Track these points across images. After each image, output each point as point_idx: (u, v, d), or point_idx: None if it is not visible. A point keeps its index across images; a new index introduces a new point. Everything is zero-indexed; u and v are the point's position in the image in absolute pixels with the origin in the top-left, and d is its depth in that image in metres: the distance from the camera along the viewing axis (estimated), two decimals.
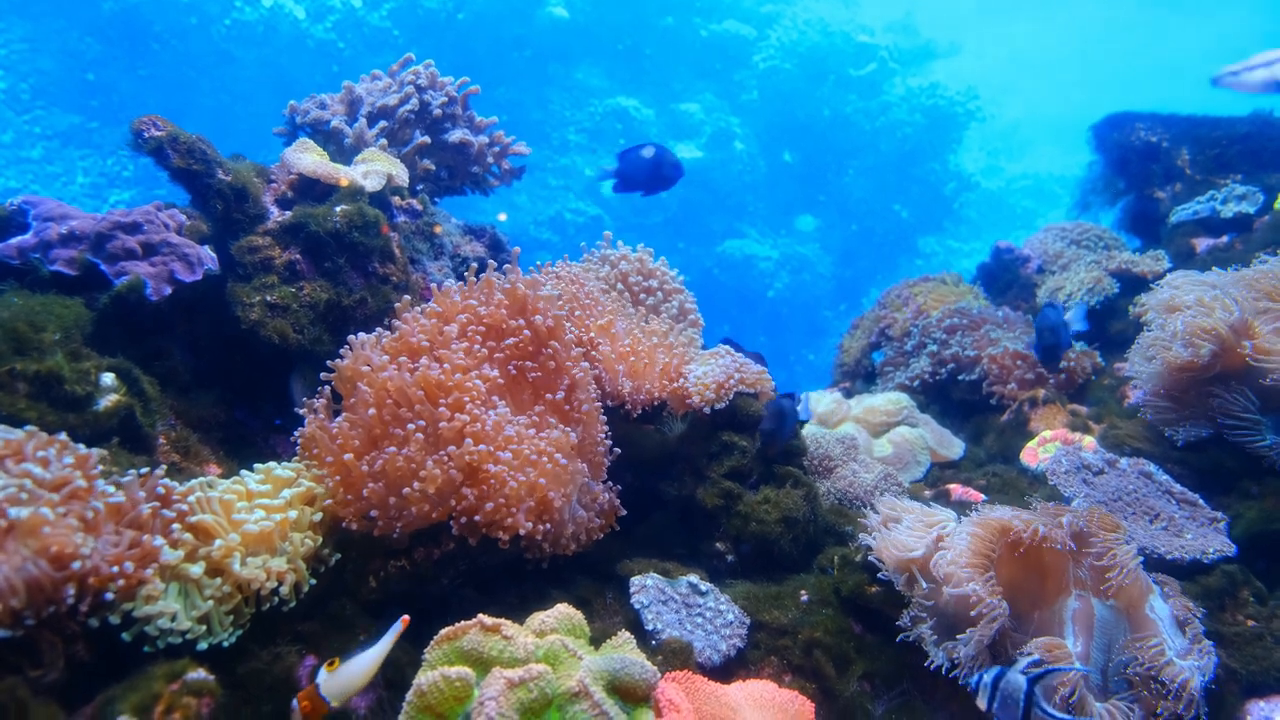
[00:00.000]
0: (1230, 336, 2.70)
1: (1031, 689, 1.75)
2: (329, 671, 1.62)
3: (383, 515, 2.04)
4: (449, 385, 2.14)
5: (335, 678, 1.62)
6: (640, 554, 2.42)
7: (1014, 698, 1.76)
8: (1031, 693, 1.75)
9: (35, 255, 2.36)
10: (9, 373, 1.99)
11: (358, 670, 1.63)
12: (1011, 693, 1.76)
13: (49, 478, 1.64)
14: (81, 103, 13.35)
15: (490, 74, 13.92)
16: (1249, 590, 2.39)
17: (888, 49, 16.97)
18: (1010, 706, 1.76)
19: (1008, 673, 1.79)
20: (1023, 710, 1.75)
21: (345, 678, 1.62)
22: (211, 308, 2.60)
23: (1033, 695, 1.75)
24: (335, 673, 1.62)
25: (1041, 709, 1.75)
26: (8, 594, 1.49)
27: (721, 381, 2.65)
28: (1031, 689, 1.75)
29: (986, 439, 3.61)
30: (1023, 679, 1.77)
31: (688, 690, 1.76)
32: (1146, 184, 4.76)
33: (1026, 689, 1.75)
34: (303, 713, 1.61)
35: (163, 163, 2.60)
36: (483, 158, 3.57)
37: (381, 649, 1.65)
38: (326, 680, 1.62)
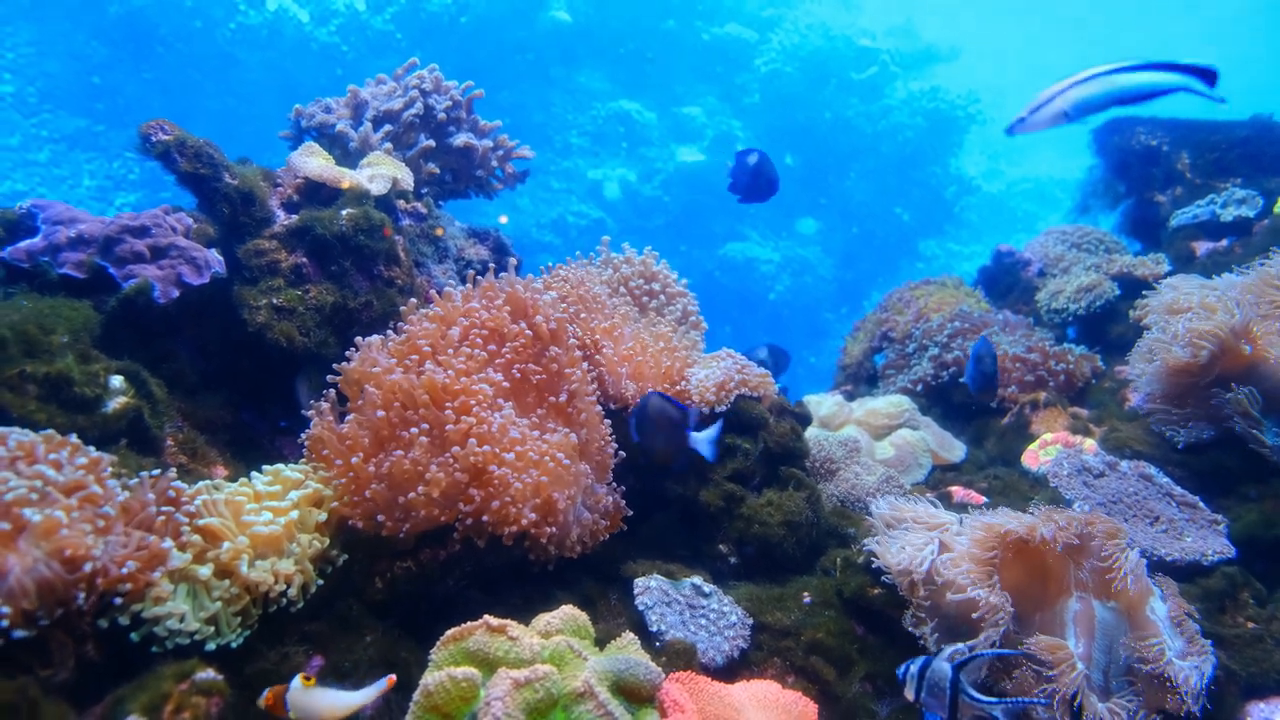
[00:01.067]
0: (1231, 339, 2.71)
1: (957, 676, 1.77)
2: (303, 685, 1.64)
3: (389, 517, 2.06)
4: (455, 388, 2.15)
5: (305, 695, 1.64)
6: (644, 555, 2.43)
7: (940, 685, 1.77)
8: (957, 680, 1.77)
9: (44, 258, 2.38)
10: (19, 375, 2.01)
11: (325, 703, 1.65)
12: (938, 681, 1.78)
13: (62, 480, 1.66)
14: (87, 106, 13.37)
15: (493, 77, 13.93)
16: (1249, 592, 2.40)
17: (889, 53, 16.97)
18: (938, 694, 1.78)
19: (933, 661, 1.81)
20: (949, 697, 1.76)
21: (312, 701, 1.64)
22: (218, 310, 2.62)
23: (959, 682, 1.77)
24: (308, 691, 1.64)
25: (968, 694, 1.77)
26: (20, 595, 1.51)
27: (722, 383, 2.67)
28: (957, 676, 1.77)
29: (988, 442, 3.63)
30: (948, 666, 1.78)
31: (692, 691, 1.77)
32: (1147, 188, 4.77)
33: (952, 676, 1.76)
34: (265, 704, 1.63)
35: (170, 167, 2.62)
36: (487, 161, 3.59)
37: (358, 699, 1.66)
38: (297, 692, 1.63)
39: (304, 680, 1.64)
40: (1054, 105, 1.54)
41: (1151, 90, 1.57)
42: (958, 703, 1.76)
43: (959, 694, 1.76)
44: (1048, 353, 3.79)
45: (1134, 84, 1.54)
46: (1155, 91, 1.57)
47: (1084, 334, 4.26)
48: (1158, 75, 1.53)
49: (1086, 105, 1.54)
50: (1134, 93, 1.58)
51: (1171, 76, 1.53)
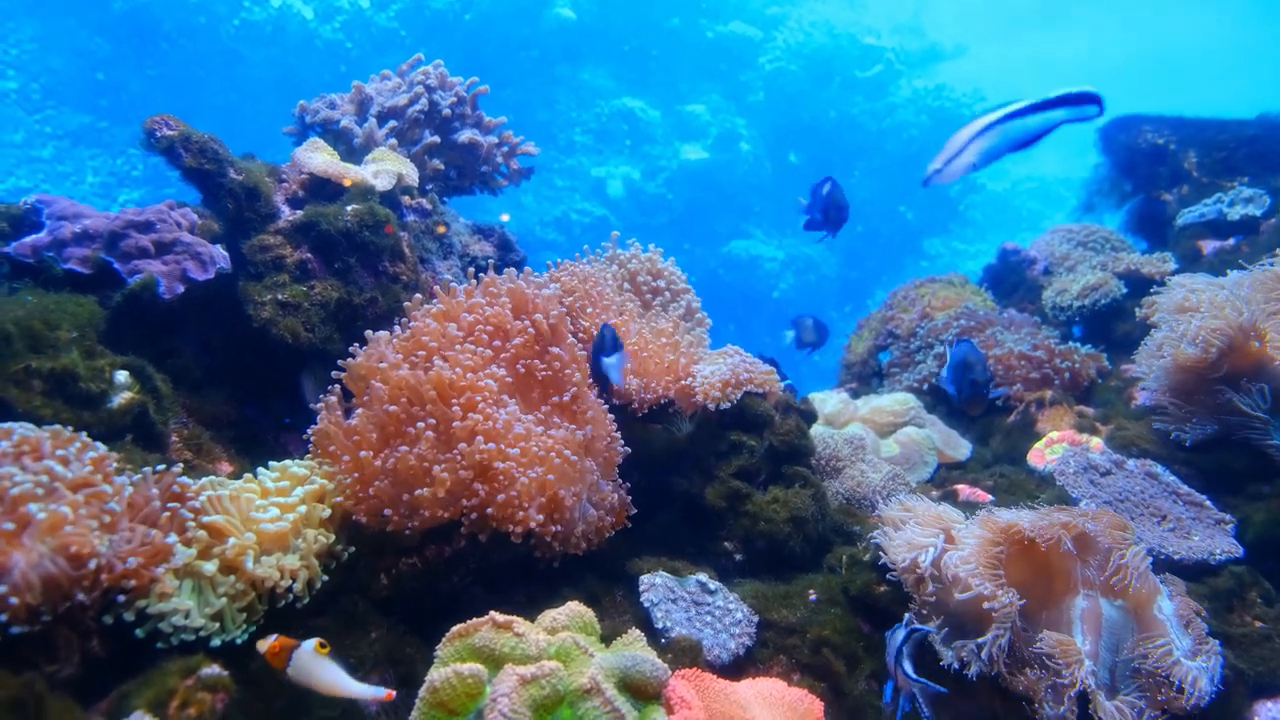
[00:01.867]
0: (1240, 336, 2.70)
1: (900, 650, 1.88)
2: (316, 650, 1.62)
3: (395, 512, 2.05)
4: (461, 385, 2.15)
5: (313, 660, 1.62)
6: (649, 552, 2.43)
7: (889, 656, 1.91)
8: (900, 652, 1.88)
9: (49, 254, 2.38)
10: (25, 370, 2.01)
11: (326, 676, 1.63)
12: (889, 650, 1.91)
13: (69, 476, 1.65)
14: (91, 102, 13.40)
15: (497, 74, 13.93)
16: (1257, 591, 2.39)
17: (894, 51, 16.96)
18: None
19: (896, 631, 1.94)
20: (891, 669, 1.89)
21: (316, 669, 1.63)
22: (223, 306, 2.62)
23: (900, 655, 1.88)
24: (317, 657, 1.62)
25: (903, 668, 1.87)
26: (24, 590, 1.50)
27: (728, 380, 2.66)
28: (900, 650, 1.88)
29: (994, 440, 3.62)
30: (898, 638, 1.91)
31: (698, 688, 1.77)
32: (1153, 186, 4.75)
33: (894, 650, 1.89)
34: (270, 652, 1.64)
35: (175, 162, 2.62)
36: (491, 158, 3.58)
37: (357, 689, 1.65)
38: (306, 654, 1.62)
39: (319, 647, 1.63)
40: (962, 158, 1.63)
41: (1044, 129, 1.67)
42: (897, 674, 1.89)
43: (899, 666, 1.88)
44: (1053, 351, 3.78)
45: (1027, 128, 1.65)
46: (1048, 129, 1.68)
47: (1090, 332, 4.25)
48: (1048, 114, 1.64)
49: (989, 155, 1.65)
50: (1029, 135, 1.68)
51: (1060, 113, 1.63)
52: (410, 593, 2.13)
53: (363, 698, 1.67)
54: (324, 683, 1.64)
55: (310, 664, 1.63)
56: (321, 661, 1.63)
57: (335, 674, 1.64)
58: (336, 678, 1.64)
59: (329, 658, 1.64)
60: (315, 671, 1.63)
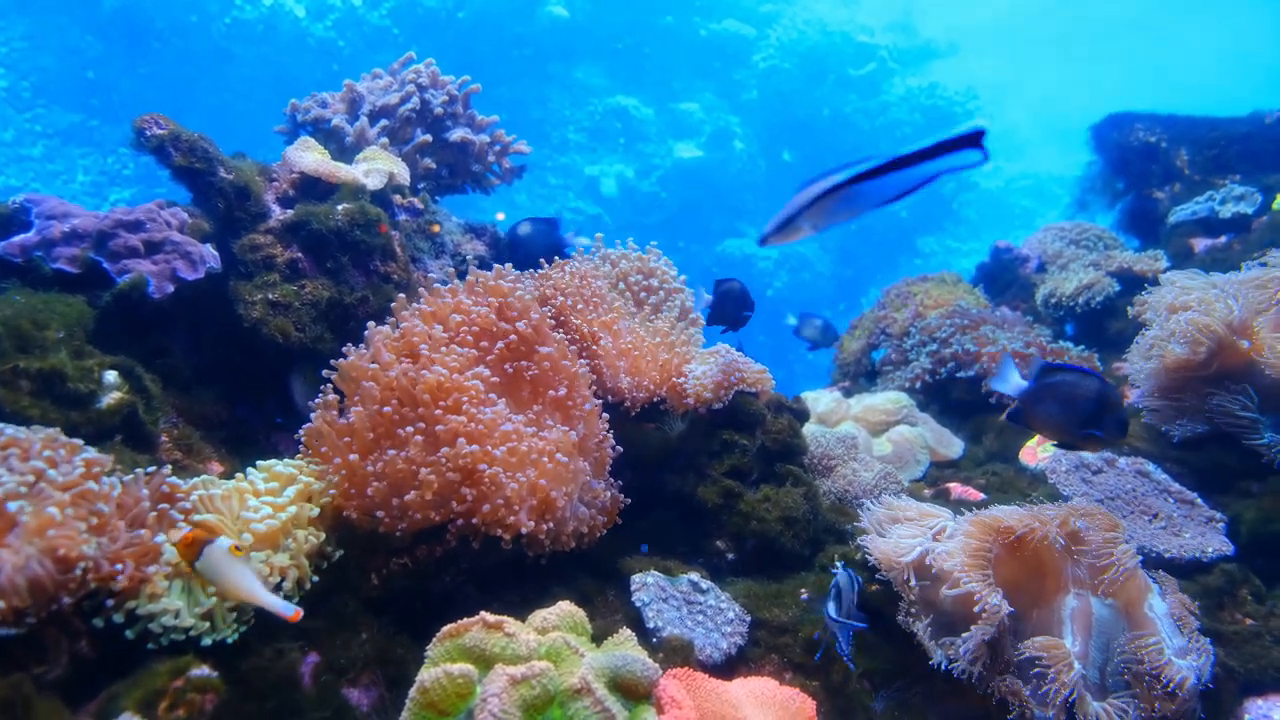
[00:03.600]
0: (1229, 335, 2.71)
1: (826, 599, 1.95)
2: (230, 551, 1.62)
3: (387, 513, 2.05)
4: (448, 385, 2.14)
5: (224, 559, 1.61)
6: (641, 552, 2.43)
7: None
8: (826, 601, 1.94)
9: (38, 253, 2.37)
10: (12, 370, 2.00)
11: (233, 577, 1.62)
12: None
13: (56, 477, 1.64)
14: (82, 101, 13.34)
15: (490, 73, 13.91)
16: (1248, 589, 2.40)
17: (887, 49, 16.98)
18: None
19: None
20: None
21: (225, 569, 1.62)
22: (214, 306, 2.61)
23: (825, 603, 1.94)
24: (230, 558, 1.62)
25: (828, 614, 1.93)
26: (10, 593, 1.49)
27: (720, 380, 2.66)
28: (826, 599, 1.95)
29: (986, 438, 3.62)
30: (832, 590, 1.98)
31: (689, 687, 1.77)
32: (1145, 184, 4.77)
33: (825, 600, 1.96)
34: (181, 542, 1.64)
35: (165, 161, 2.61)
36: (484, 156, 3.58)
37: (262, 596, 1.64)
38: (218, 552, 1.62)
39: (234, 549, 1.63)
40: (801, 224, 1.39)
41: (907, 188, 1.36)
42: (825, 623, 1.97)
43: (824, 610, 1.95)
44: (1045, 349, 3.79)
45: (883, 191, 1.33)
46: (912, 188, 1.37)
47: (1082, 330, 4.26)
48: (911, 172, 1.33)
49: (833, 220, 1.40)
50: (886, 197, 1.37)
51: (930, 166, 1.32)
52: (401, 593, 2.12)
53: (270, 608, 1.64)
54: (232, 584, 1.62)
55: (220, 563, 1.61)
56: (233, 563, 1.62)
57: (246, 579, 1.63)
58: (246, 582, 1.63)
59: (239, 561, 1.62)
60: (225, 572, 1.62)
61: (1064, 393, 2.24)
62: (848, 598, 1.98)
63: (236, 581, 1.62)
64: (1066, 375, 2.28)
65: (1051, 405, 2.25)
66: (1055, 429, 2.29)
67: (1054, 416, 2.26)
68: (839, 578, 1.99)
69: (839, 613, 1.94)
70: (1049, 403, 2.25)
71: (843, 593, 1.97)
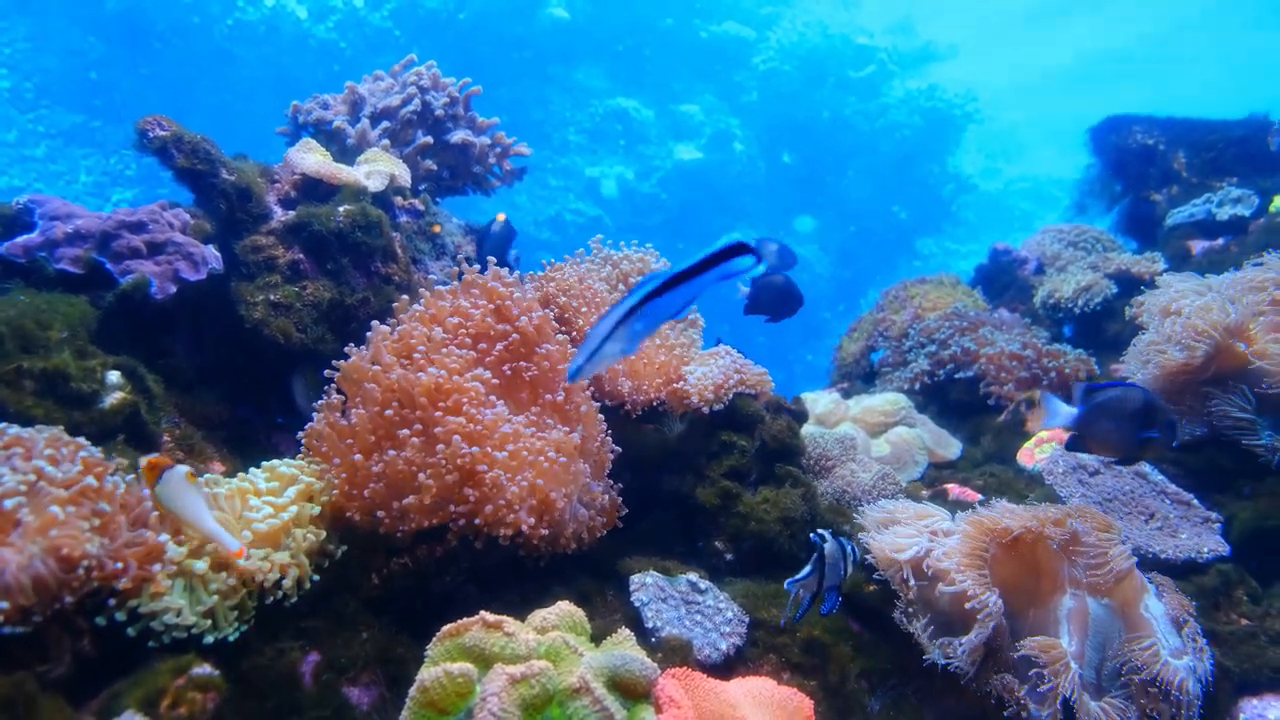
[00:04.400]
0: (1226, 339, 2.72)
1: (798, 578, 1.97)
2: (186, 478, 1.71)
3: (388, 514, 2.06)
4: (447, 387, 2.15)
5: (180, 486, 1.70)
6: (640, 552, 2.44)
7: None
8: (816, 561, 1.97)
9: (41, 254, 2.38)
10: (16, 370, 2.01)
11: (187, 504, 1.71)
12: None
13: (59, 475, 1.66)
14: (84, 101, 13.36)
15: (491, 74, 13.93)
16: (1243, 589, 2.42)
17: (887, 51, 17.00)
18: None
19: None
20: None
21: (177, 495, 1.70)
22: (215, 306, 2.62)
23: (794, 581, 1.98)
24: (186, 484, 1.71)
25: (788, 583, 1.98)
26: (16, 592, 1.51)
27: (720, 382, 2.67)
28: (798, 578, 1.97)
29: (983, 439, 3.64)
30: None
31: (687, 687, 1.78)
32: (1143, 187, 4.78)
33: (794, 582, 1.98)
34: (147, 466, 1.72)
35: (167, 162, 2.62)
36: (484, 158, 3.59)
37: (208, 525, 1.72)
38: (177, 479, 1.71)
39: (189, 476, 1.71)
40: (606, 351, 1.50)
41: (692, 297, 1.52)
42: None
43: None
44: (1040, 350, 3.80)
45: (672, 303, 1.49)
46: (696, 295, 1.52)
47: (1081, 332, 4.27)
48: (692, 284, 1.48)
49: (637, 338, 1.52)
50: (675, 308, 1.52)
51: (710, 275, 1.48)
52: (401, 592, 2.14)
53: (214, 537, 1.72)
54: (183, 510, 1.71)
55: (176, 488, 1.70)
56: (189, 489, 1.70)
57: (196, 507, 1.71)
58: (195, 510, 1.71)
59: (195, 489, 1.72)
60: (178, 497, 1.70)
61: (1114, 409, 2.32)
62: (835, 568, 1.99)
63: (187, 507, 1.71)
64: (1110, 392, 2.36)
65: (1106, 423, 2.34)
66: (1114, 445, 2.37)
67: (1111, 433, 2.34)
68: (826, 546, 1.99)
69: (822, 582, 1.97)
70: (1103, 421, 2.34)
71: (827, 562, 1.98)
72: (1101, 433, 2.35)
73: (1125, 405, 2.32)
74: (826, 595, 2.00)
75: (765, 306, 3.07)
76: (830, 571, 1.98)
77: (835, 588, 2.01)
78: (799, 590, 1.98)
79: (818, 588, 1.99)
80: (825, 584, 1.98)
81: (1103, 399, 2.35)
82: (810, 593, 1.99)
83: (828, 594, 2.00)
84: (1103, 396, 2.35)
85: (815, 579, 1.98)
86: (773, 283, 3.05)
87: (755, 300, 3.04)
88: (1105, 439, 2.37)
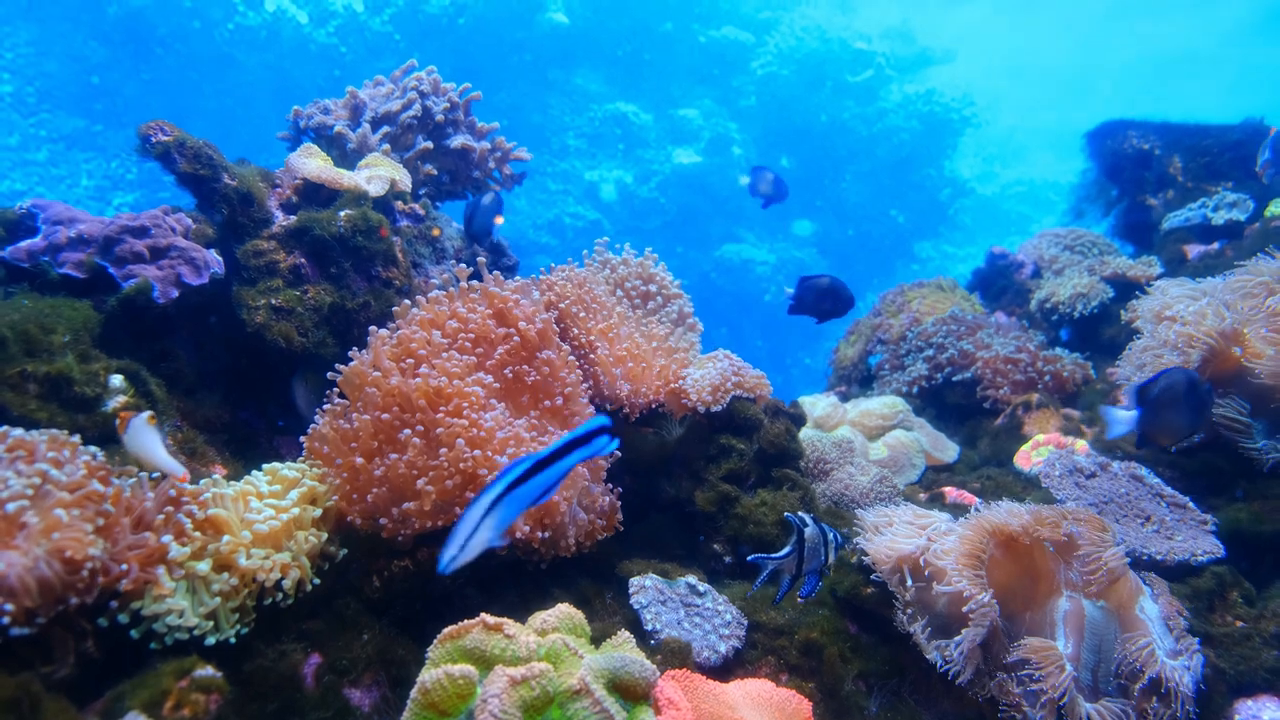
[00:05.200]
0: (1221, 343, 2.74)
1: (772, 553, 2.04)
2: (147, 421, 1.91)
3: (390, 519, 2.07)
4: (449, 392, 2.17)
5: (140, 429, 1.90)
6: (639, 555, 2.45)
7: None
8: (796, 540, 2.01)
9: (44, 258, 2.40)
10: (20, 374, 2.02)
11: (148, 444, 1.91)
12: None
13: (63, 479, 1.67)
14: (86, 106, 13.37)
15: (490, 79, 13.96)
16: (1238, 591, 2.43)
17: (884, 56, 17.01)
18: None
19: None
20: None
21: (139, 436, 1.90)
22: (217, 311, 2.64)
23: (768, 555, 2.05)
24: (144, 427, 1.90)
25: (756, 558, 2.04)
26: (21, 593, 1.52)
27: (718, 384, 2.69)
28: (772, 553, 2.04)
29: (981, 442, 3.65)
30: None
31: (686, 688, 1.79)
32: (1139, 191, 4.81)
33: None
34: (118, 414, 1.96)
35: (170, 167, 2.64)
36: (484, 163, 3.61)
37: (161, 458, 1.92)
38: (138, 421, 1.90)
39: (150, 418, 1.91)
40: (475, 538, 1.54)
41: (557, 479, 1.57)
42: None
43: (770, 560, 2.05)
44: (1035, 354, 3.82)
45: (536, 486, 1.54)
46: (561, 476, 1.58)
47: (1077, 335, 4.29)
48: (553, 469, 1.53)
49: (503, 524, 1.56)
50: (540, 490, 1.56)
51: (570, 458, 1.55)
52: (402, 594, 2.15)
53: (164, 467, 1.91)
54: (142, 448, 1.90)
55: (138, 431, 1.90)
56: (149, 430, 1.90)
57: (153, 445, 1.91)
58: (152, 446, 1.91)
59: (154, 430, 1.91)
60: (139, 438, 1.90)
61: (1167, 399, 2.45)
62: (815, 551, 2.01)
63: (146, 445, 1.91)
64: (1157, 384, 2.50)
65: (1166, 414, 2.50)
66: (1178, 431, 2.55)
67: (1172, 422, 2.51)
68: (807, 530, 2.01)
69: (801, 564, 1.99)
70: (1162, 415, 2.49)
71: (807, 545, 1.99)
72: (1164, 425, 2.51)
73: (1175, 393, 2.44)
74: (807, 578, 2.01)
75: (810, 307, 3.09)
76: (810, 555, 1.99)
77: (816, 572, 2.02)
78: (773, 566, 1.99)
79: (797, 569, 1.99)
80: (805, 567, 1.99)
81: (1156, 393, 2.46)
82: (790, 574, 2.00)
83: (808, 577, 2.01)
84: (1155, 391, 2.46)
85: (794, 559, 1.98)
86: (818, 283, 3.08)
87: (801, 301, 3.07)
88: (1170, 430, 2.53)
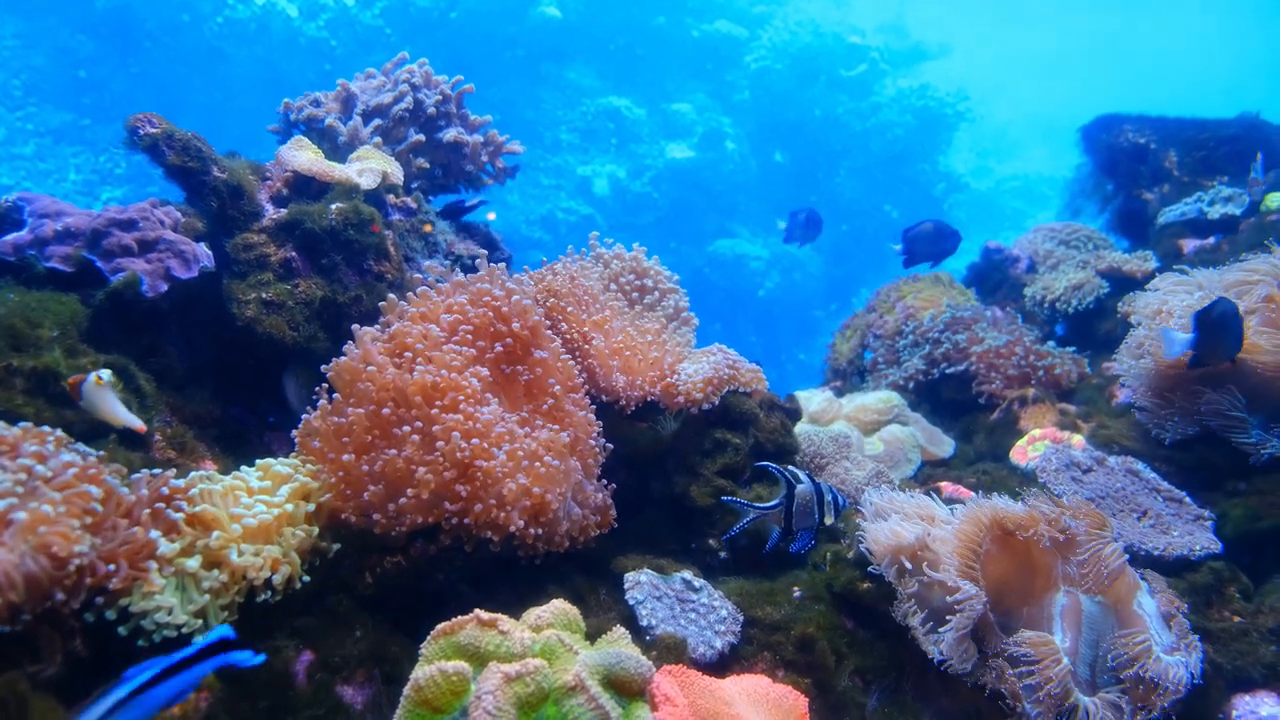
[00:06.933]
0: None
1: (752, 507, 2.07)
2: (96, 383, 1.99)
3: (384, 515, 2.05)
4: (444, 386, 2.15)
5: (93, 391, 1.99)
6: (634, 550, 2.43)
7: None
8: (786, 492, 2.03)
9: (31, 252, 2.37)
10: (6, 369, 2.00)
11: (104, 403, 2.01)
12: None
13: (48, 474, 1.64)
14: (74, 100, 13.29)
15: (482, 73, 13.88)
16: (1235, 587, 2.42)
17: (878, 50, 17.03)
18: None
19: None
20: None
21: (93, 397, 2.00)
22: (207, 305, 2.61)
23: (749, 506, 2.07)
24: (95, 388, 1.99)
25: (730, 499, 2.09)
26: (7, 589, 1.49)
27: (712, 379, 2.67)
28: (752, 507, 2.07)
29: (976, 437, 3.64)
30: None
31: (682, 684, 1.78)
32: (1135, 185, 4.80)
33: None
34: (70, 383, 2.01)
35: (158, 160, 2.61)
36: (477, 156, 3.58)
37: (118, 412, 2.03)
38: (88, 384, 1.99)
39: (97, 380, 1.98)
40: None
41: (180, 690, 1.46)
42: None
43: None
44: (1030, 349, 3.81)
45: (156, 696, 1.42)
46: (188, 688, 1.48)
47: (1073, 330, 4.28)
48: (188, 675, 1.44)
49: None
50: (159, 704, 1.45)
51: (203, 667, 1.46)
52: (395, 591, 2.13)
53: (123, 420, 2.04)
54: (99, 407, 2.01)
55: (91, 393, 1.99)
56: (102, 391, 2.00)
57: (107, 404, 2.02)
58: (109, 404, 2.02)
59: (105, 389, 2.01)
60: (93, 399, 2.00)
61: (1222, 322, 2.66)
62: (807, 508, 1.98)
63: (100, 403, 2.00)
64: (1215, 309, 2.67)
65: (1220, 336, 2.68)
66: (1228, 351, 2.70)
67: (1223, 343, 2.68)
68: (800, 488, 2.00)
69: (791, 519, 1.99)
70: (1217, 335, 2.68)
71: (798, 501, 1.98)
72: (1218, 344, 2.68)
73: (1229, 315, 2.66)
74: (800, 535, 1.99)
75: (923, 254, 3.14)
76: (801, 513, 1.97)
77: (809, 529, 2.00)
78: (754, 515, 1.97)
79: (786, 524, 1.97)
80: (797, 524, 1.97)
81: (1215, 316, 2.66)
82: (779, 525, 1.97)
83: (801, 534, 1.99)
84: (1214, 314, 2.66)
85: (782, 512, 1.96)
86: (922, 230, 3.13)
87: (912, 253, 3.13)
88: (1222, 348, 2.70)
